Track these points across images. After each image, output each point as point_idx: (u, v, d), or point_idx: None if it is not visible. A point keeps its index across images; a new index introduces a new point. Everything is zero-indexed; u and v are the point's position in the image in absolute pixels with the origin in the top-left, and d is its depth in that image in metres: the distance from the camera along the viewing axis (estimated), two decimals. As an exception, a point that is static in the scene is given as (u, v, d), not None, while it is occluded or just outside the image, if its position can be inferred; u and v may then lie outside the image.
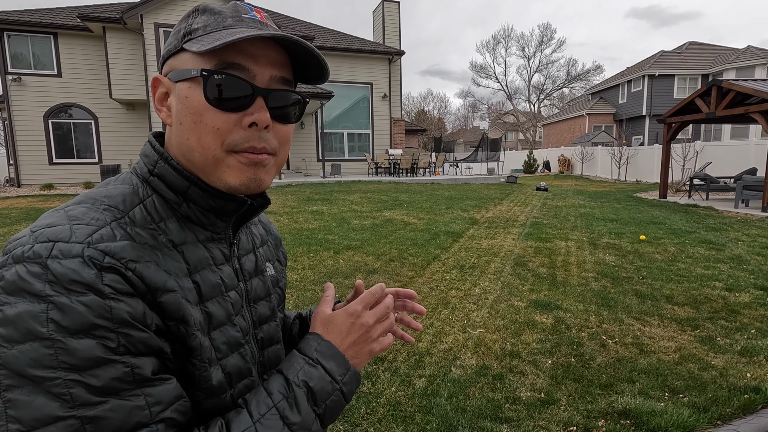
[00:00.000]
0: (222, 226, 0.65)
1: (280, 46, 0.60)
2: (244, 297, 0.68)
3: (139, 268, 0.52)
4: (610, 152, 21.30)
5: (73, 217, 0.53)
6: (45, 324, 0.45)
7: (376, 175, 18.17)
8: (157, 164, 0.61)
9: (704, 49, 30.49)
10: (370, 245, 6.30)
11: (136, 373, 0.48)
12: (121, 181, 0.62)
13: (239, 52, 0.57)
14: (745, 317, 3.83)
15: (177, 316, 0.55)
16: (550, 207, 10.78)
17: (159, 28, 14.95)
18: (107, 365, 0.47)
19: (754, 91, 9.47)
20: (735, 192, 10.73)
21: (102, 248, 0.50)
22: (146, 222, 0.57)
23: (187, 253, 0.60)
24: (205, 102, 0.57)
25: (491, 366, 3.00)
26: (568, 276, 5.00)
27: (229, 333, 0.62)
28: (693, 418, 2.41)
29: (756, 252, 6.05)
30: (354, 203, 10.43)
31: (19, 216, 8.80)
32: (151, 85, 0.63)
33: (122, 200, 0.58)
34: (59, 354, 0.45)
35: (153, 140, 0.63)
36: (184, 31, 0.60)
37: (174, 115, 0.60)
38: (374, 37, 22.44)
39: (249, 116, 0.57)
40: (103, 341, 0.47)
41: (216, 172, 0.59)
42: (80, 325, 0.46)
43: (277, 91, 0.60)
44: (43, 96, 15.76)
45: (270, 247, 0.82)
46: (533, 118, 49.78)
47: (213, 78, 0.56)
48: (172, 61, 0.61)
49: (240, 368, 0.63)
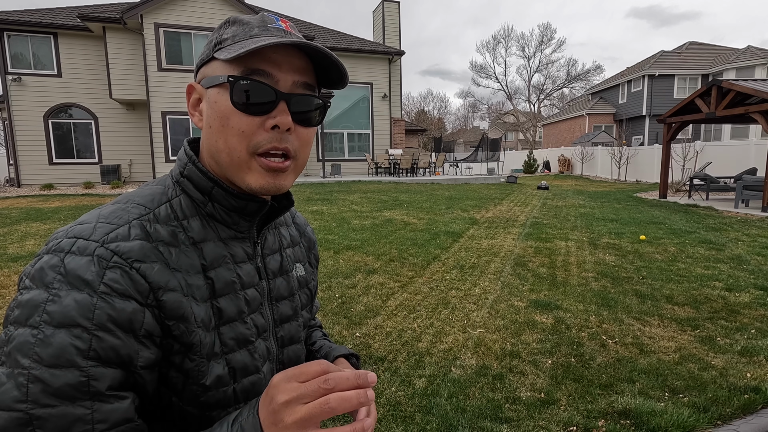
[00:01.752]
0: (245, 225, 0.69)
1: (302, 52, 0.64)
2: (266, 295, 0.71)
3: (143, 267, 0.56)
4: (610, 152, 21.30)
5: (102, 216, 0.59)
6: (41, 313, 0.50)
7: (376, 175, 18.17)
8: (186, 166, 0.66)
9: (704, 49, 30.49)
10: (370, 245, 6.30)
11: (91, 385, 0.49)
12: (157, 182, 0.68)
13: (263, 59, 0.61)
14: (745, 317, 3.83)
15: (177, 315, 0.57)
16: (550, 207, 10.78)
17: (159, 28, 14.96)
18: (68, 369, 0.49)
19: (754, 91, 9.47)
20: (735, 192, 10.73)
21: (113, 247, 0.55)
22: (169, 219, 0.62)
23: (206, 250, 0.64)
24: (231, 106, 0.60)
25: (491, 366, 3.00)
26: (568, 276, 5.00)
27: (239, 329, 0.65)
28: (693, 418, 2.41)
29: (756, 252, 6.05)
30: (354, 203, 10.43)
31: (19, 216, 8.79)
32: (186, 91, 0.68)
33: (151, 199, 0.63)
34: (37, 344, 0.48)
35: (186, 145, 0.69)
36: (215, 41, 0.64)
37: (204, 119, 0.65)
38: (374, 37, 22.45)
39: (272, 119, 0.61)
40: (77, 341, 0.49)
41: (239, 173, 0.63)
42: (63, 319, 0.49)
43: (298, 96, 0.63)
44: (43, 96, 15.75)
45: (302, 248, 0.86)
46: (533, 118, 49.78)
47: (239, 83, 0.60)
48: (204, 69, 0.65)
49: (246, 364, 0.65)
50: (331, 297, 4.27)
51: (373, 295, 4.33)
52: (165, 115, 15.44)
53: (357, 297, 4.28)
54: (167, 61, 15.23)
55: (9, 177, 17.70)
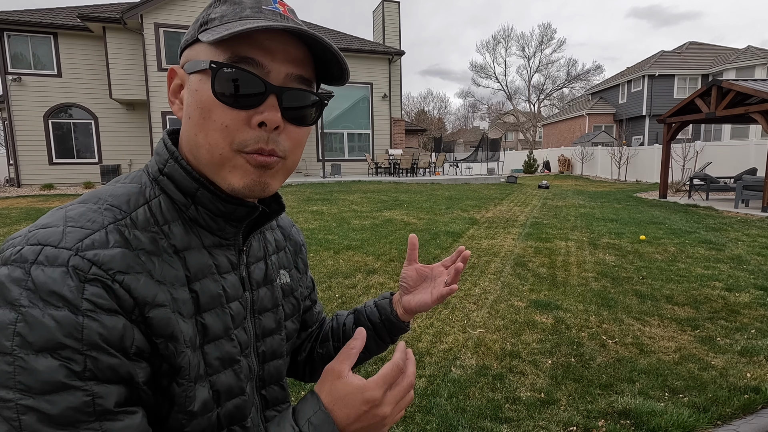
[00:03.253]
0: (231, 231, 0.61)
1: (300, 41, 0.56)
2: (248, 308, 0.64)
3: (127, 280, 0.48)
4: (610, 152, 21.30)
5: (70, 218, 0.50)
6: (11, 337, 0.42)
7: (376, 175, 18.17)
8: (167, 163, 0.58)
9: (704, 49, 30.50)
10: (370, 245, 6.30)
11: (97, 404, 0.44)
12: (130, 180, 0.59)
13: (254, 45, 0.53)
14: (745, 317, 3.83)
15: (165, 333, 0.51)
16: (550, 207, 10.78)
17: (159, 28, 14.97)
18: (66, 391, 0.43)
19: (754, 91, 9.47)
20: (735, 192, 10.73)
21: (90, 257, 0.47)
22: (148, 224, 0.54)
23: (189, 260, 0.56)
24: (213, 97, 0.53)
25: (491, 366, 3.00)
26: (568, 276, 5.00)
27: (225, 348, 0.58)
28: (693, 418, 2.41)
29: (756, 252, 6.05)
30: (354, 203, 10.43)
31: (19, 216, 8.81)
32: (167, 75, 0.60)
33: (126, 200, 0.55)
34: (18, 373, 0.42)
35: (166, 138, 0.60)
36: (202, 20, 0.57)
37: (185, 109, 0.57)
38: (374, 37, 22.45)
39: (258, 115, 0.53)
40: (68, 363, 0.43)
41: (221, 171, 0.55)
42: (45, 342, 0.42)
43: (292, 90, 0.55)
44: (43, 96, 15.77)
45: (288, 253, 0.78)
46: (533, 118, 49.80)
47: (222, 71, 0.52)
48: (188, 52, 0.57)
49: (231, 386, 0.59)
50: (331, 297, 4.27)
51: (373, 295, 4.33)
52: (165, 115, 15.45)
53: (357, 297, 4.28)
54: (167, 61, 15.24)
55: (9, 177, 17.71)
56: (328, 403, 0.54)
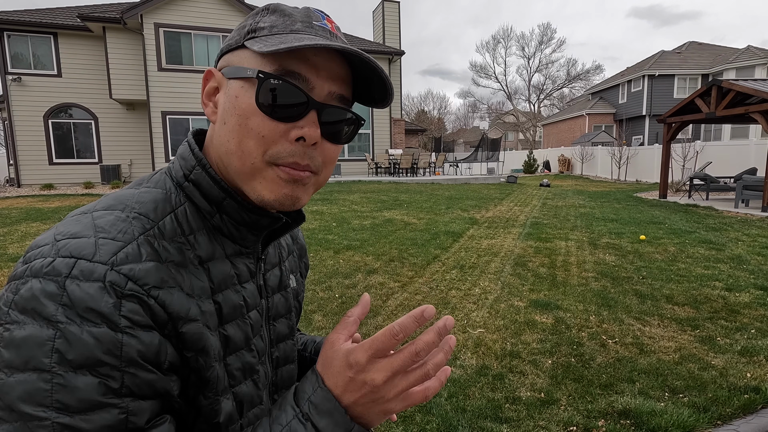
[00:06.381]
0: (252, 240, 0.61)
1: (345, 61, 0.56)
2: (264, 315, 0.64)
3: (162, 295, 0.48)
4: (610, 152, 21.31)
5: (100, 228, 0.49)
6: (49, 354, 0.42)
7: (376, 175, 18.17)
8: (194, 170, 0.57)
9: (704, 49, 30.50)
10: (370, 245, 6.30)
11: (130, 422, 0.44)
12: (154, 183, 0.58)
13: (302, 60, 0.53)
14: (745, 317, 3.83)
15: (197, 347, 0.51)
16: (550, 207, 10.78)
17: (159, 28, 14.97)
18: (103, 410, 0.42)
19: (754, 91, 9.47)
20: (735, 192, 10.73)
21: (125, 272, 0.46)
22: (175, 234, 0.53)
23: (213, 271, 0.56)
24: (254, 105, 0.53)
25: (491, 366, 3.00)
26: (568, 276, 5.00)
27: (245, 358, 0.58)
28: (693, 418, 2.41)
29: (756, 252, 6.05)
30: (354, 203, 10.43)
31: (19, 216, 8.80)
32: (203, 77, 0.59)
33: (153, 207, 0.54)
34: (56, 391, 0.41)
35: (192, 142, 0.59)
36: (249, 27, 0.56)
37: (219, 113, 0.56)
38: (374, 36, 22.44)
39: (298, 129, 0.53)
40: (106, 380, 0.43)
41: (251, 182, 0.55)
42: (85, 360, 0.42)
43: (332, 108, 0.55)
44: (43, 96, 15.77)
45: (294, 257, 0.78)
46: (533, 118, 49.81)
47: (269, 82, 0.52)
48: (229, 57, 0.57)
49: (252, 396, 0.59)
50: (331, 297, 4.27)
51: (373, 295, 4.33)
52: (165, 115, 15.45)
53: (357, 297, 4.28)
54: (167, 61, 15.24)
55: (9, 177, 17.71)
56: (324, 374, 0.50)
